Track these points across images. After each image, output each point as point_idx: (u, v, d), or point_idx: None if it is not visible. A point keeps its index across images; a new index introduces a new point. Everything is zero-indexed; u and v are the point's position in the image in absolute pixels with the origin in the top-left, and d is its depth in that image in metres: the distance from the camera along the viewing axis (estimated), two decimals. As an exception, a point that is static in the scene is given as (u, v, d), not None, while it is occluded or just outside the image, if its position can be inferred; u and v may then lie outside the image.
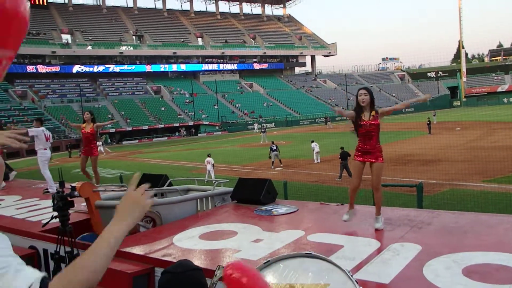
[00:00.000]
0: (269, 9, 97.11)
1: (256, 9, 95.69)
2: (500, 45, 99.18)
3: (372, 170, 4.67)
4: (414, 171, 16.38)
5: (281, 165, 20.91)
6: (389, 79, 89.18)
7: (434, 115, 41.75)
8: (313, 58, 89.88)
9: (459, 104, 76.05)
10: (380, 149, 4.71)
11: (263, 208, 5.51)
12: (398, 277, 3.09)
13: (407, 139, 27.52)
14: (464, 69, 77.39)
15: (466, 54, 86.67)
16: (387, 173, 15.74)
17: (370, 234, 4.22)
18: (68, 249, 4.17)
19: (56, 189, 4.34)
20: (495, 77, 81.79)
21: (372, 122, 4.72)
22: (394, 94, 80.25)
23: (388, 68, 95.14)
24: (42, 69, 62.65)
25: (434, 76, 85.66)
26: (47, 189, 8.31)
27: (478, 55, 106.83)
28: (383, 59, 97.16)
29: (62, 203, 4.17)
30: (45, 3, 70.83)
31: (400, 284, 3.01)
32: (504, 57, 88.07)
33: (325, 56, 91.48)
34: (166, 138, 55.68)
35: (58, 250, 4.19)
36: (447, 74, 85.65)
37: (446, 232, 4.09)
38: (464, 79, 77.44)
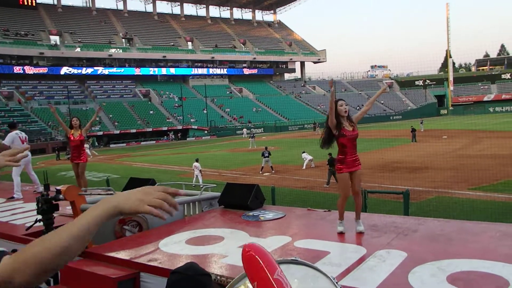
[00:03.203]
0: (259, 15, 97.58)
1: (247, 15, 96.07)
2: (487, 55, 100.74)
3: (355, 176, 4.75)
4: (401, 178, 16.49)
5: (273, 171, 20.87)
6: (377, 86, 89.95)
7: (421, 123, 42.19)
8: (302, 64, 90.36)
9: (446, 112, 77.03)
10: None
11: (251, 213, 5.50)
12: (384, 283, 3.10)
13: (394, 146, 27.75)
14: (451, 78, 78.43)
15: (454, 64, 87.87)
16: (374, 180, 15.87)
17: (356, 240, 4.23)
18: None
19: (41, 192, 4.28)
20: (482, 87, 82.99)
21: (356, 132, 4.80)
22: (382, 102, 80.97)
23: (377, 76, 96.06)
24: (29, 70, 61.89)
25: (422, 84, 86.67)
26: (35, 190, 8.25)
27: (465, 64, 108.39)
28: (372, 67, 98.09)
29: (47, 206, 4.12)
30: (34, 4, 70.16)
31: (386, 291, 3.02)
32: (490, 67, 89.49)
33: (315, 62, 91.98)
34: (154, 141, 55.38)
35: (41, 254, 4.12)
36: (434, 82, 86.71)
37: (432, 239, 4.12)
38: (451, 88, 78.47)
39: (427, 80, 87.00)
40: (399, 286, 3.06)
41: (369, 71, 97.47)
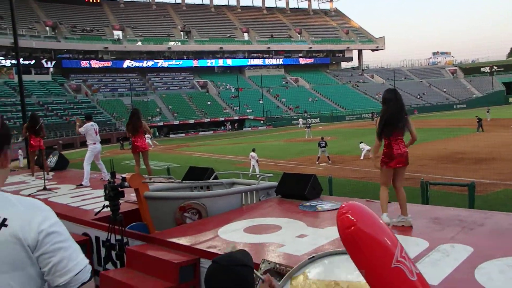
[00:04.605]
0: (315, 3, 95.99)
1: (303, 3, 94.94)
2: None
3: None
4: (466, 169, 15.75)
5: (329, 161, 20.67)
6: (439, 74, 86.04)
7: (487, 112, 39.93)
8: (360, 52, 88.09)
9: (515, 100, 72.23)
10: (383, 153, 4.71)
11: (308, 203, 5.48)
12: (448, 279, 2.99)
13: (458, 136, 26.49)
14: (521, 64, 73.26)
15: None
16: (436, 171, 15.27)
17: (418, 233, 4.10)
18: (118, 237, 4.33)
19: (108, 179, 4.51)
20: (557, 72, 77.00)
21: None
22: (444, 90, 77.42)
23: (439, 63, 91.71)
24: (95, 64, 65.18)
25: (488, 71, 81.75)
26: (102, 177, 8.71)
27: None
28: (434, 54, 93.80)
29: (113, 193, 4.33)
30: (98, 1, 73.55)
31: (450, 287, 2.91)
32: None
33: (373, 50, 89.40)
34: (211, 132, 56.48)
35: (109, 238, 4.35)
36: (502, 69, 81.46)
37: (500, 234, 3.91)
38: (522, 74, 73.34)
39: (494, 67, 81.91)
40: (465, 282, 2.94)
41: (430, 58, 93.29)
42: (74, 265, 1.42)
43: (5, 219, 1.37)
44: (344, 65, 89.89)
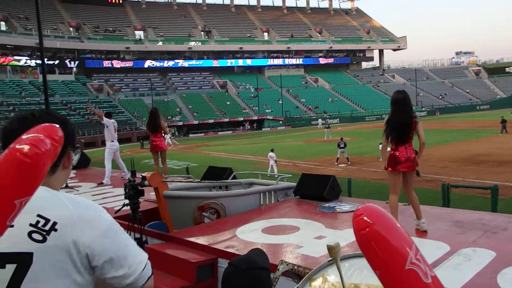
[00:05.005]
0: (336, 3, 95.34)
1: (323, 3, 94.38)
2: None
3: None
4: (488, 172, 15.43)
5: (348, 162, 20.51)
6: (463, 74, 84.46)
7: (512, 113, 38.96)
8: (381, 52, 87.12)
9: (542, 101, 70.30)
10: (389, 155, 4.68)
11: (327, 204, 5.44)
12: (470, 284, 2.93)
13: (481, 138, 25.96)
14: (549, 64, 71.36)
15: (552, 48, 79.74)
16: (458, 174, 15.00)
17: (439, 236, 4.04)
18: (137, 235, 4.38)
19: (128, 178, 4.55)
20: None
21: None
22: (467, 90, 75.99)
23: (463, 63, 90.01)
24: (116, 64, 66.11)
25: (514, 71, 79.89)
26: (122, 176, 8.81)
27: None
28: (457, 53, 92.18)
29: (133, 192, 4.37)
30: (121, 1, 74.57)
31: (471, 291, 2.85)
32: None
33: (394, 50, 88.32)
34: (230, 132, 56.62)
35: (128, 236, 4.39)
36: (528, 69, 79.53)
37: (525, 239, 3.82)
38: (549, 74, 71.42)
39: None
40: (487, 287, 2.88)
41: (453, 57, 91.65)
42: (139, 262, 1.39)
43: (55, 223, 1.27)
44: (364, 65, 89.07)
